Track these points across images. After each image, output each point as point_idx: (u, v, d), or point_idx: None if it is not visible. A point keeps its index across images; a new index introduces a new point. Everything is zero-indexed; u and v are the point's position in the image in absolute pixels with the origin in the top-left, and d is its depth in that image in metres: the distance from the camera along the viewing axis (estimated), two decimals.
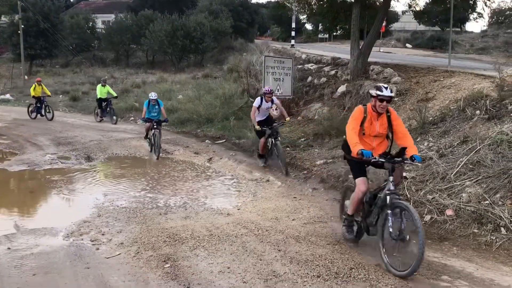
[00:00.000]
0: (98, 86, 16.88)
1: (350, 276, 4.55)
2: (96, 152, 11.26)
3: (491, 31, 37.52)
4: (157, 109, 11.53)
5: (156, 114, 11.50)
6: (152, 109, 11.46)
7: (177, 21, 30.89)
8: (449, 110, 9.04)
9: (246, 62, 20.70)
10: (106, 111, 16.60)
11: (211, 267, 4.79)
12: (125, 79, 26.01)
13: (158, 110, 11.55)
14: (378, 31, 14.88)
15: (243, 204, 7.42)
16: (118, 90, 22.48)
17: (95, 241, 5.61)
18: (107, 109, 16.59)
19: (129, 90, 22.60)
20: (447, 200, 6.25)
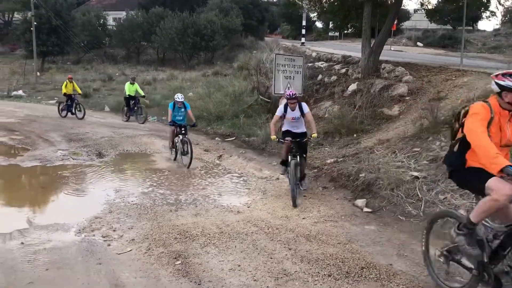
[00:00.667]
0: (126, 84, 16.60)
1: (361, 276, 4.54)
2: (107, 149, 11.34)
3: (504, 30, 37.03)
4: (183, 112, 10.48)
5: (182, 118, 10.49)
6: (177, 112, 10.44)
7: (187, 19, 30.95)
8: None
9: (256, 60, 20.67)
10: (133, 110, 16.24)
11: (222, 264, 4.80)
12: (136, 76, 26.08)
13: (185, 113, 10.50)
14: (389, 29, 14.79)
15: (253, 202, 7.43)
16: None
17: (107, 237, 5.65)
18: (134, 108, 16.21)
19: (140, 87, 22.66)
20: (459, 200, 6.20)
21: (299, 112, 7.57)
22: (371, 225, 6.17)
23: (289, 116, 7.57)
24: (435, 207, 6.29)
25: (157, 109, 17.89)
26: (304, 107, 7.61)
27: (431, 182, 6.85)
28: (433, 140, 8.26)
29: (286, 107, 7.53)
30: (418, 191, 6.70)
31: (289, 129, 7.67)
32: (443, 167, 7.04)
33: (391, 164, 7.75)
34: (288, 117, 7.59)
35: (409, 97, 11.40)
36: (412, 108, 10.77)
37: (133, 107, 16.20)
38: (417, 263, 4.84)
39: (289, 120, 7.63)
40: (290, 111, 7.53)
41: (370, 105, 11.81)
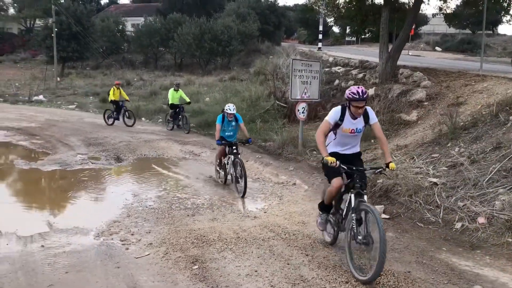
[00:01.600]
0: (170, 90, 15.58)
1: (379, 283, 4.49)
2: (125, 153, 11.46)
3: None
4: (235, 126, 8.68)
5: (233, 134, 8.71)
6: (227, 127, 8.61)
7: (204, 24, 31.21)
8: (481, 115, 8.83)
9: (273, 65, 20.77)
10: (178, 119, 15.23)
11: (239, 269, 4.81)
12: (153, 82, 26.40)
13: (236, 128, 8.74)
14: (407, 34, 14.68)
15: (270, 207, 7.43)
16: (147, 93, 22.90)
17: (125, 241, 5.71)
18: (178, 116, 15.19)
19: (158, 92, 22.93)
20: (479, 207, 6.10)
21: (363, 122, 5.01)
22: (389, 231, 6.10)
23: (348, 126, 4.95)
24: (455, 214, 6.21)
25: None
26: (371, 113, 5.05)
27: (450, 189, 6.76)
28: (452, 146, 8.15)
29: (344, 111, 4.94)
30: (437, 197, 6.62)
31: (337, 150, 5.12)
32: (463, 173, 6.97)
33: (409, 170, 7.67)
34: (346, 129, 4.97)
35: (427, 103, 11.29)
36: (431, 114, 10.65)
37: (177, 116, 15.16)
38: (436, 271, 4.78)
39: (345, 133, 5.01)
40: (349, 119, 4.94)
41: (387, 111, 11.72)
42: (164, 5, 43.05)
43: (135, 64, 35.67)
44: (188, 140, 13.19)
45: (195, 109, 17.56)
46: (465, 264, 5.02)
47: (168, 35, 32.85)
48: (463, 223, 6.00)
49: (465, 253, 5.37)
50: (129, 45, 38.36)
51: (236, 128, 8.77)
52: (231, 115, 8.47)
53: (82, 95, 24.26)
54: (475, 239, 5.67)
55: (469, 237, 5.76)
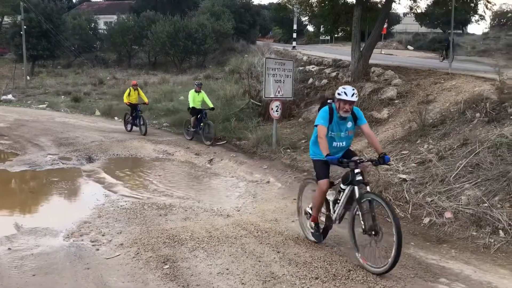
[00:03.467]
0: (190, 92, 13.01)
1: (348, 278, 4.57)
2: (97, 153, 11.30)
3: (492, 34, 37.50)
4: (351, 131, 5.14)
5: (346, 145, 5.19)
6: (337, 129, 5.04)
7: (179, 23, 30.99)
8: (449, 113, 9.05)
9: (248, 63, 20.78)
10: (199, 127, 12.73)
11: (210, 268, 4.81)
12: (127, 80, 26.08)
13: (352, 133, 5.20)
14: (379, 33, 14.91)
15: (243, 206, 7.44)
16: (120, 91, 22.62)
17: (95, 241, 5.63)
18: (200, 124, 12.73)
19: None
20: (446, 202, 6.27)
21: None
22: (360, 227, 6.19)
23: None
24: (423, 209, 6.36)
25: (148, 113, 17.83)
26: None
27: (419, 185, 6.91)
28: (421, 143, 8.34)
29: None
30: (406, 193, 6.77)
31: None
32: (431, 169, 7.14)
33: (380, 167, 7.79)
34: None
35: (398, 101, 11.50)
36: (401, 111, 10.86)
37: (199, 122, 12.72)
38: (403, 265, 4.88)
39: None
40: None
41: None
42: (137, 3, 42.52)
43: (108, 63, 35.17)
44: (162, 140, 13.09)
45: (169, 107, 17.45)
46: (431, 258, 5.15)
47: (141, 33, 32.48)
48: (430, 218, 6.15)
49: (432, 247, 5.51)
50: (101, 43, 37.79)
51: (352, 134, 5.23)
52: (349, 105, 4.83)
53: (53, 94, 23.79)
54: (442, 234, 5.82)
55: (436, 231, 5.91)
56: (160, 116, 17.13)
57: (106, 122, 16.87)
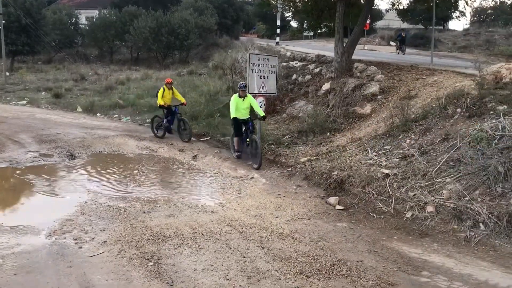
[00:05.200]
0: (233, 98, 10.00)
1: (332, 273, 4.61)
2: (79, 150, 11.14)
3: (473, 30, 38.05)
4: None
5: None
6: None
7: (161, 18, 30.66)
8: (431, 108, 9.18)
9: (231, 59, 20.71)
10: (245, 141, 9.89)
11: (195, 265, 4.81)
12: (109, 76, 25.74)
13: None
14: (362, 29, 14.99)
15: (228, 202, 7.44)
16: (102, 87, 22.35)
17: (78, 239, 5.57)
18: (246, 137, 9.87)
19: (113, 87, 22.37)
20: (428, 196, 6.36)
21: None
22: (343, 222, 6.27)
23: None
24: (405, 204, 6.44)
25: (130, 109, 17.66)
26: None
27: (401, 179, 7.00)
28: (403, 138, 8.43)
29: None
30: (388, 188, 6.85)
31: None
32: (413, 164, 7.23)
33: (363, 162, 7.88)
34: None
35: (380, 96, 11.60)
36: (384, 107, 10.96)
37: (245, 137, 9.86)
38: (387, 259, 4.95)
39: None
40: None
41: (343, 104, 11.97)
42: None
43: (89, 58, 34.62)
44: (145, 136, 12.96)
45: (152, 104, 17.28)
46: (414, 251, 5.23)
47: (123, 28, 32.03)
48: (413, 212, 6.24)
49: (415, 241, 5.59)
50: (83, 39, 37.17)
51: None
52: None
53: (33, 91, 23.29)
54: (424, 227, 5.91)
55: (418, 225, 5.99)
56: (143, 112, 16.96)
57: (88, 119, 16.61)
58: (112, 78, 24.90)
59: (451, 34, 36.93)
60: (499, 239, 5.36)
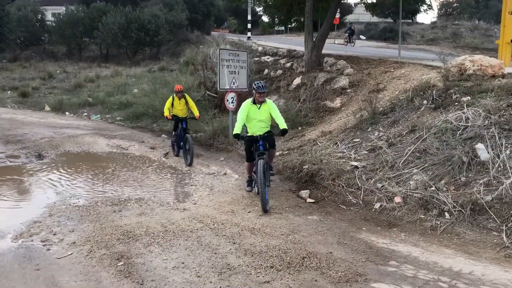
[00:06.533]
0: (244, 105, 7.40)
1: (302, 265, 4.66)
2: (47, 150, 10.91)
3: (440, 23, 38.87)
4: None
5: None
6: None
7: (131, 14, 30.21)
8: (398, 101, 9.35)
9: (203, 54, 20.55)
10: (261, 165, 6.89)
11: (166, 263, 4.78)
12: (78, 74, 25.24)
13: None
14: (331, 23, 15.13)
15: (200, 198, 7.42)
16: (71, 86, 21.92)
17: (46, 241, 5.47)
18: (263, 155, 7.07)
19: (83, 85, 21.98)
20: (396, 188, 6.49)
21: None
22: (314, 215, 6.34)
23: None
24: (374, 195, 6.56)
25: (100, 107, 17.39)
26: None
27: (370, 171, 7.12)
28: (372, 130, 8.57)
29: None
30: (357, 180, 6.95)
31: None
32: (381, 156, 7.36)
33: (333, 155, 7.98)
34: None
35: (350, 90, 11.75)
36: (353, 100, 11.10)
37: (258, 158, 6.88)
38: (356, 250, 5.04)
39: None
40: None
41: (313, 98, 12.07)
42: None
43: (57, 56, 33.83)
44: (115, 134, 12.80)
45: (122, 101, 17.06)
46: (382, 242, 5.34)
47: (92, 24, 31.39)
48: (381, 203, 6.36)
49: (383, 231, 5.70)
50: (50, 36, 36.23)
51: None
52: None
53: None
54: (392, 218, 6.04)
55: (386, 216, 6.12)
56: (113, 110, 16.73)
57: (57, 118, 16.29)
58: (81, 75, 24.47)
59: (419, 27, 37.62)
60: (463, 226, 5.52)
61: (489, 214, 5.52)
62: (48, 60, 31.43)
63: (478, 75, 8.83)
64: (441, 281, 4.34)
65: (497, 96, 7.59)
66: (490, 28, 32.14)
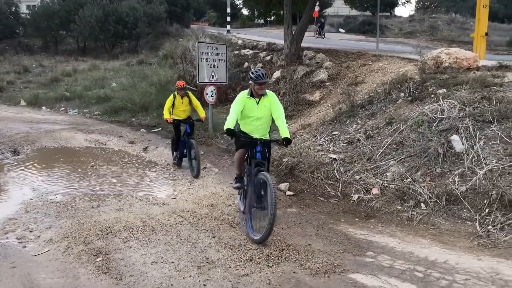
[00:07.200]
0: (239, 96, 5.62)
1: (281, 258, 4.70)
2: (23, 145, 10.71)
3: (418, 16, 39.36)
4: None
5: None
6: None
7: (108, 6, 29.69)
8: (376, 93, 9.45)
9: (182, 48, 20.41)
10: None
11: (144, 258, 4.76)
12: (54, 68, 24.76)
13: None
14: (310, 16, 15.16)
15: (179, 193, 7.40)
16: (47, 80, 21.51)
17: (22, 238, 5.38)
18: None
19: (60, 79, 21.59)
20: (373, 179, 6.59)
21: None
22: (293, 207, 6.39)
23: None
24: (352, 187, 6.64)
25: (77, 102, 17.12)
26: None
27: (348, 164, 7.20)
28: (350, 123, 8.66)
29: None
30: (336, 172, 7.03)
31: None
32: (359, 148, 7.45)
33: (312, 148, 8.04)
34: None
35: (329, 83, 11.82)
36: (332, 93, 11.18)
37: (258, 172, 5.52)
38: (334, 242, 5.10)
39: None
40: None
41: (293, 92, 12.12)
42: None
43: (33, 49, 33.08)
44: (93, 129, 12.63)
45: (100, 95, 16.83)
46: (360, 233, 5.42)
47: (68, 17, 30.75)
48: (359, 195, 6.45)
49: (361, 222, 5.79)
50: (25, 29, 35.36)
51: None
52: None
53: None
54: (369, 209, 6.13)
55: (364, 207, 6.20)
56: (91, 104, 16.49)
57: (33, 113, 15.98)
58: (58, 69, 24.00)
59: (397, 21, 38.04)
60: (438, 217, 5.64)
61: (464, 204, 5.65)
62: (23, 53, 30.70)
63: (454, 68, 8.99)
64: (417, 270, 4.43)
65: (471, 88, 7.74)
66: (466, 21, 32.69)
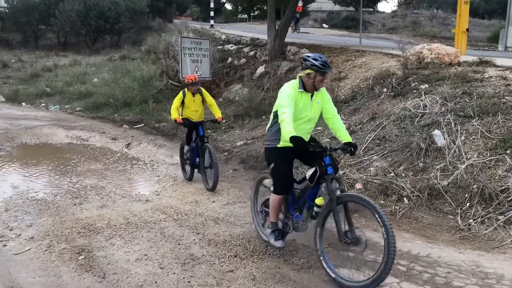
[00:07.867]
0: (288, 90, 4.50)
1: (266, 253, 4.70)
2: (2, 142, 10.51)
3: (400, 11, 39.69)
4: None
5: None
6: None
7: (89, 1, 29.29)
8: (359, 89, 9.50)
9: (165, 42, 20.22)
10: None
11: (128, 255, 4.72)
12: (34, 63, 24.34)
13: None
14: (293, 11, 15.17)
15: (163, 189, 7.35)
16: (27, 75, 21.14)
17: (2, 237, 5.27)
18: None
19: (40, 74, 21.23)
20: (357, 174, 6.63)
21: None
22: None
23: None
24: None
25: (58, 98, 16.86)
26: None
27: None
28: None
29: None
30: None
31: None
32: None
33: None
34: None
35: None
36: None
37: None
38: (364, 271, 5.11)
39: None
40: None
41: (277, 87, 12.06)
42: None
43: (12, 44, 32.47)
44: (75, 125, 12.46)
45: (82, 91, 16.61)
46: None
47: (48, 11, 30.26)
48: None
49: None
50: (3, 23, 34.68)
51: None
52: None
53: None
54: None
55: None
56: (72, 100, 16.25)
57: (13, 109, 15.69)
58: (38, 65, 23.62)
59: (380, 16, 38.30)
60: (421, 211, 5.71)
61: (445, 198, 5.73)
62: (1, 48, 30.11)
63: (436, 63, 9.08)
64: (400, 264, 4.48)
65: (453, 83, 7.83)
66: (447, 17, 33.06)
